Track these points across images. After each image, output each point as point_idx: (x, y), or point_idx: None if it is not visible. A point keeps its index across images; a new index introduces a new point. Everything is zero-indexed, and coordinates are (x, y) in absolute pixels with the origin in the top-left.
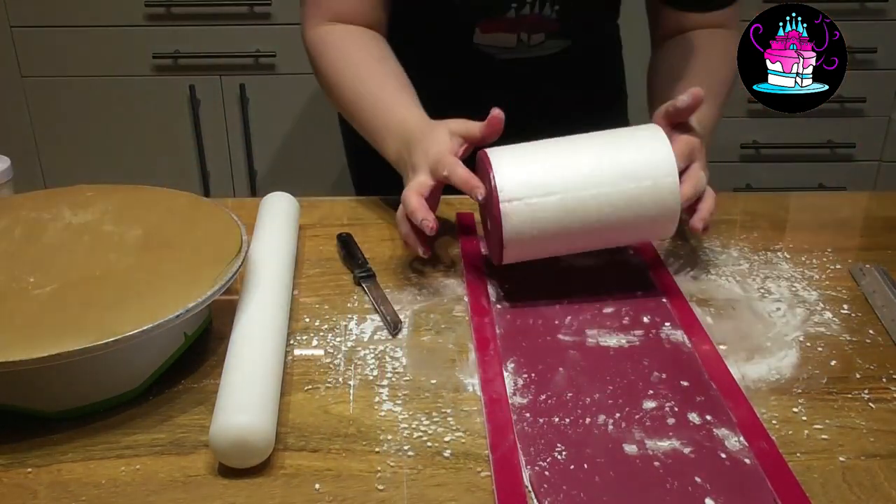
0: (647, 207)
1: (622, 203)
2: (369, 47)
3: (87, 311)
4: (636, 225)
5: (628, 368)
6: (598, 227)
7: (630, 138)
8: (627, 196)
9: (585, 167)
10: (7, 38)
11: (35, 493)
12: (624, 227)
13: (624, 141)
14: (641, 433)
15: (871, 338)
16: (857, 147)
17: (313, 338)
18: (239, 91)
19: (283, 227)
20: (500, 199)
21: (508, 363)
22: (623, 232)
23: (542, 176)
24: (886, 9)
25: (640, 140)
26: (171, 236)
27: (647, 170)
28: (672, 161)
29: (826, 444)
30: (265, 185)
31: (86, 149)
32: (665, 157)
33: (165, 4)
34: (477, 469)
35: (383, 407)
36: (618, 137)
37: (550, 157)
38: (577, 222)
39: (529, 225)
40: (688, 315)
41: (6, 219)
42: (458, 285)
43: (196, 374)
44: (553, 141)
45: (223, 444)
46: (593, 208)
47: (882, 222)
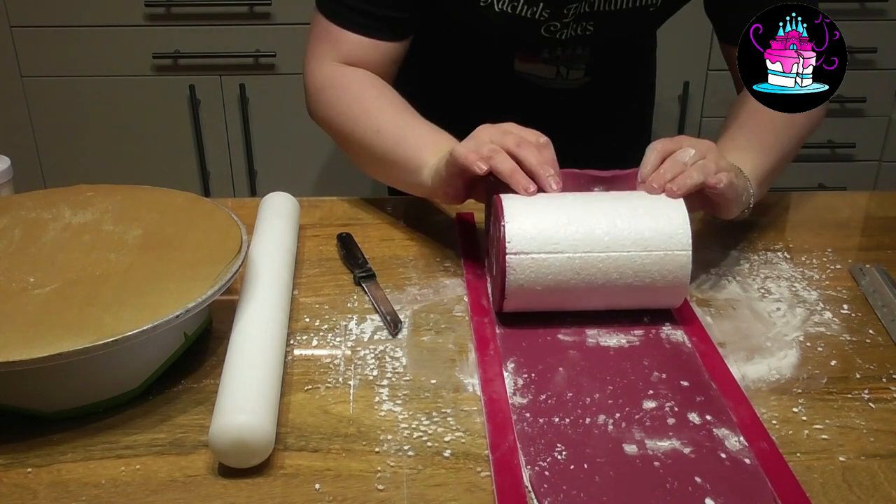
0: (655, 277)
1: (630, 270)
2: (386, 90)
3: (86, 311)
4: (642, 292)
5: (628, 368)
6: (603, 290)
7: (649, 206)
8: (637, 264)
9: (598, 229)
10: (7, 38)
11: (35, 493)
12: (630, 293)
13: (641, 207)
14: (641, 433)
15: (871, 338)
16: (857, 147)
17: (313, 338)
18: (239, 91)
19: (283, 227)
20: (507, 250)
21: (508, 363)
22: (628, 297)
23: (552, 233)
24: (886, 9)
25: (658, 208)
26: (170, 236)
27: (661, 240)
28: (687, 234)
29: (826, 444)
30: (265, 185)
31: (86, 149)
32: (680, 228)
33: (165, 4)
34: (477, 469)
35: (383, 407)
36: (636, 202)
37: (564, 214)
38: (583, 283)
39: (533, 280)
40: (688, 315)
41: (6, 219)
42: (458, 285)
43: (196, 374)
44: (570, 196)
45: (223, 444)
46: (600, 271)
47: (882, 222)
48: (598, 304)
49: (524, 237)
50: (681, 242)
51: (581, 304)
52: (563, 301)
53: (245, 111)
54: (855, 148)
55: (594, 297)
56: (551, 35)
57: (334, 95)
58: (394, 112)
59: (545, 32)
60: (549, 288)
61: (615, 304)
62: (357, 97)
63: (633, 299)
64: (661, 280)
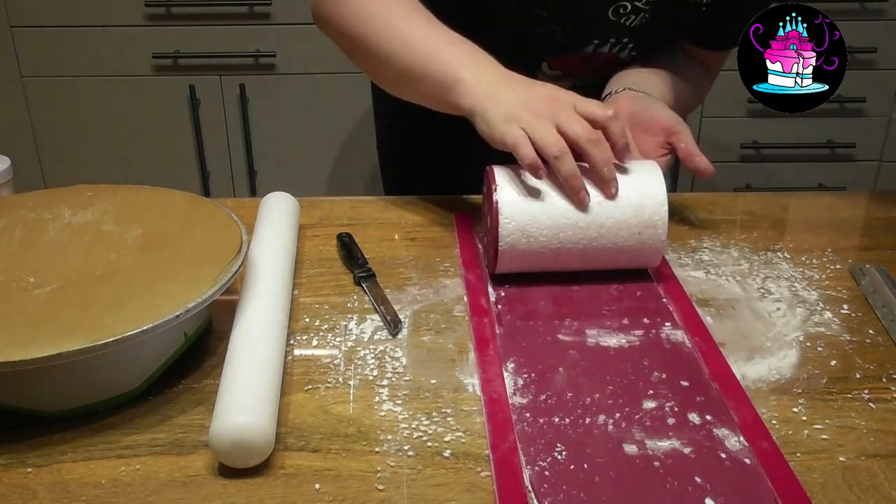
0: (633, 230)
1: (614, 225)
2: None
3: (87, 311)
4: (624, 249)
5: (628, 368)
6: (587, 243)
7: (630, 177)
8: (618, 219)
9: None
10: (7, 38)
11: (35, 493)
12: (613, 250)
13: (624, 179)
14: (641, 433)
15: (871, 338)
16: (857, 147)
17: (313, 338)
18: (239, 91)
19: (283, 227)
20: (501, 222)
21: (508, 363)
22: (612, 253)
23: (539, 210)
24: (886, 9)
25: (638, 178)
26: (171, 236)
27: (641, 215)
28: (664, 205)
29: (826, 444)
30: (265, 185)
31: (86, 149)
32: (658, 196)
33: (165, 4)
34: (477, 469)
35: (383, 407)
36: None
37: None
38: (568, 243)
39: (524, 247)
40: (688, 315)
41: (6, 219)
42: (458, 285)
43: (196, 374)
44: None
45: (223, 444)
46: (585, 237)
47: (882, 222)
48: (584, 260)
49: (516, 208)
50: (658, 213)
51: (568, 262)
52: (553, 261)
53: (245, 111)
54: (855, 148)
55: (578, 255)
56: (617, 18)
57: (349, 7)
58: (424, 22)
59: (612, 14)
60: (536, 250)
61: (599, 259)
62: (380, 1)
63: (616, 254)
64: (640, 229)
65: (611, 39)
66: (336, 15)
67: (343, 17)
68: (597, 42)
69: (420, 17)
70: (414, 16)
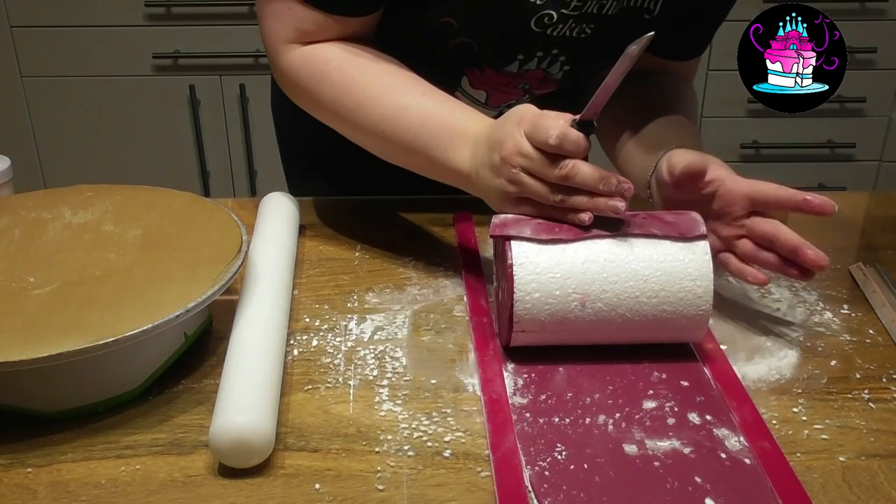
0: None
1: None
2: (378, 57)
3: (87, 311)
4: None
5: (628, 368)
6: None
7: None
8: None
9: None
10: (7, 38)
11: (35, 493)
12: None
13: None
14: (641, 433)
15: (871, 338)
16: (857, 147)
17: (313, 338)
18: (239, 91)
19: (283, 227)
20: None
21: (508, 363)
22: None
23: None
24: (886, 9)
25: (686, 265)
26: (170, 236)
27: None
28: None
29: (826, 444)
30: (265, 185)
31: (86, 149)
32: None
33: (165, 4)
34: (477, 469)
35: (383, 407)
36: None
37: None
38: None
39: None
40: None
41: (6, 219)
42: (458, 285)
43: (196, 374)
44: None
45: (223, 444)
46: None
47: (882, 222)
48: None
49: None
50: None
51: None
52: (572, 336)
53: (245, 111)
54: (855, 148)
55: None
56: (542, 29)
57: (325, 82)
58: (404, 89)
59: (535, 25)
60: (555, 329)
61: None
62: (355, 72)
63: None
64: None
65: (537, 53)
66: (317, 108)
67: (323, 108)
68: (521, 58)
69: (410, 79)
70: (405, 80)
